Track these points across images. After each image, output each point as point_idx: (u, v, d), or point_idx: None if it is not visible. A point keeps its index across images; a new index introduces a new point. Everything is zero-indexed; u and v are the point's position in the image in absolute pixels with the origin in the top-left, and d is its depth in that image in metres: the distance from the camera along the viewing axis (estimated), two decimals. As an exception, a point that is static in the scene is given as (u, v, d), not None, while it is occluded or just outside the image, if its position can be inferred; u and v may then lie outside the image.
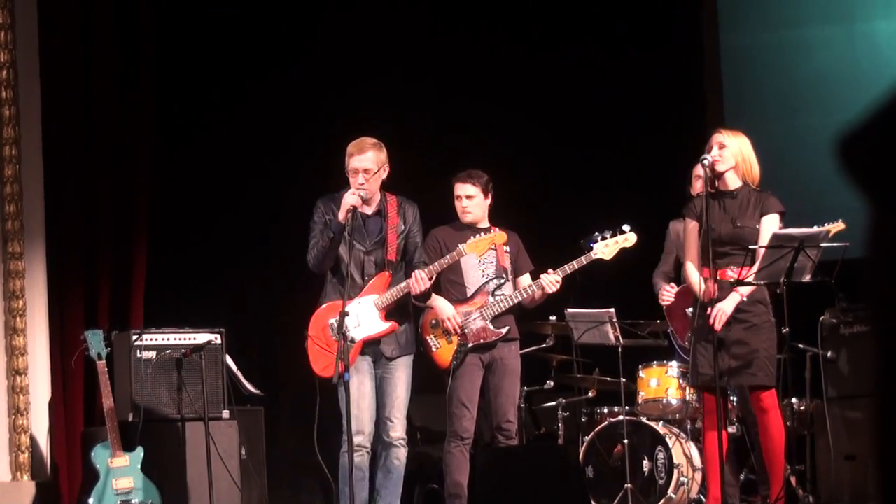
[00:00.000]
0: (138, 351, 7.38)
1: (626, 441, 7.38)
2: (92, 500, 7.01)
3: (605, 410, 8.02)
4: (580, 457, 7.49)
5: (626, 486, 7.32)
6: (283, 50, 9.29)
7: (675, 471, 7.35)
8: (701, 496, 7.35)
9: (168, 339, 7.47)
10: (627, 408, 7.58)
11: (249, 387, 7.66)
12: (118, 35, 8.43)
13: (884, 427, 1.56)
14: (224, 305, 8.39)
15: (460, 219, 6.91)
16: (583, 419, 8.10)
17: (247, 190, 9.05)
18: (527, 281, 7.00)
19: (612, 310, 7.53)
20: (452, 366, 6.81)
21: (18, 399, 7.92)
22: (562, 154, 9.30)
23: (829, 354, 6.97)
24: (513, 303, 6.85)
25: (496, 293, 6.88)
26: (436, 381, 7.02)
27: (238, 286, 8.97)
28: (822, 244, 6.21)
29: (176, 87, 8.87)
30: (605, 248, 6.72)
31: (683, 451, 7.45)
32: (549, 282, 6.75)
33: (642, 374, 7.70)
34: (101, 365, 7.20)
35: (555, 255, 7.67)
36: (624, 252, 6.88)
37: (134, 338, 7.42)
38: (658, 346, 7.69)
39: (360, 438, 6.21)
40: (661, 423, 7.61)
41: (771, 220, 6.26)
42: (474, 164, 6.95)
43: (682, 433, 7.58)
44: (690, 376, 6.54)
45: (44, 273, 8.09)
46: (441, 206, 7.10)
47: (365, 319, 6.27)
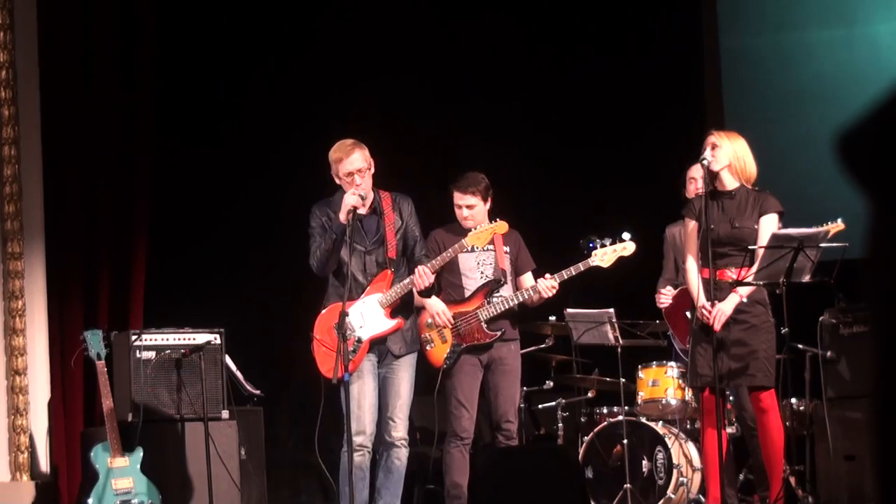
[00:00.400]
0: (138, 351, 7.38)
1: (625, 441, 7.38)
2: (91, 501, 7.00)
3: (605, 411, 8.02)
4: (580, 457, 7.49)
5: (625, 486, 7.32)
6: (283, 51, 9.29)
7: (675, 471, 7.35)
8: (700, 496, 7.35)
9: (167, 340, 7.47)
10: (627, 408, 7.58)
11: (249, 387, 7.66)
12: (118, 35, 8.43)
13: (883, 427, 1.56)
14: (223, 306, 8.39)
15: (461, 225, 6.89)
16: (582, 419, 8.10)
17: (246, 190, 9.05)
18: (529, 280, 6.99)
19: (611, 310, 7.53)
20: (445, 365, 6.83)
21: (18, 399, 7.92)
22: (561, 155, 9.30)
23: (828, 355, 6.97)
24: (509, 305, 6.85)
25: (494, 295, 6.89)
26: (435, 381, 7.02)
27: (237, 286, 8.97)
28: (822, 244, 6.21)
29: (176, 87, 8.87)
30: (604, 256, 6.73)
31: (683, 452, 7.46)
32: (546, 287, 6.75)
33: (641, 374, 7.70)
34: (101, 365, 7.20)
35: (554, 256, 7.67)
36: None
37: (133, 338, 7.42)
38: (657, 347, 7.69)
39: (362, 438, 6.20)
40: (660, 424, 7.61)
41: (770, 220, 6.25)
42: (473, 165, 6.93)
43: (681, 433, 7.58)
44: (689, 377, 6.54)
45: (43, 273, 8.09)
46: (440, 208, 7.10)
47: (370, 318, 6.26)
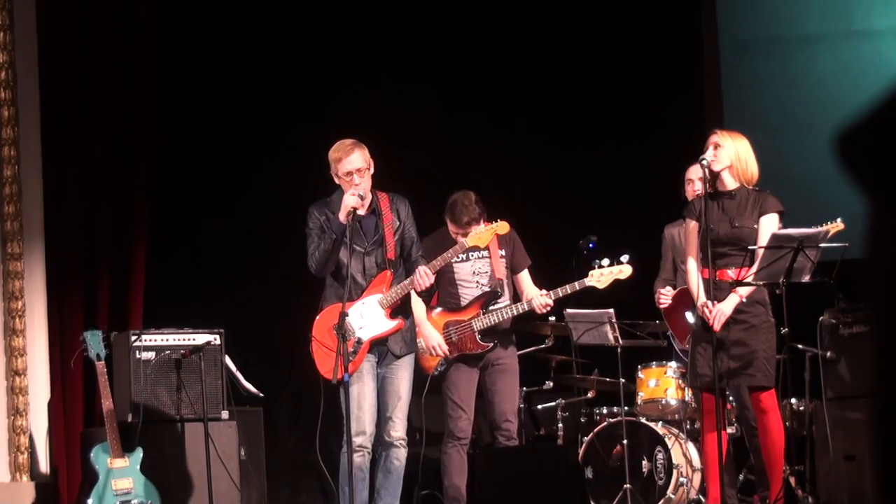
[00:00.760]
0: (137, 352, 7.37)
1: (625, 441, 7.38)
2: (91, 501, 7.00)
3: (605, 411, 8.02)
4: (579, 457, 7.49)
5: (625, 486, 7.32)
6: (284, 50, 9.28)
7: (675, 471, 7.35)
8: (700, 496, 7.35)
9: (167, 340, 7.47)
10: (626, 408, 7.58)
11: (249, 387, 7.66)
12: (117, 36, 8.43)
13: (883, 427, 1.55)
14: (223, 306, 8.39)
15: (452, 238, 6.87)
16: (582, 420, 8.10)
17: (246, 190, 9.05)
18: (525, 277, 7.01)
19: (611, 310, 7.53)
20: (436, 372, 6.88)
21: (18, 400, 7.91)
22: (560, 155, 9.29)
23: (828, 355, 6.96)
24: (504, 317, 6.87)
25: (489, 307, 6.90)
26: (436, 381, 7.02)
27: (237, 287, 8.96)
28: (822, 244, 6.21)
29: (176, 87, 8.87)
30: (601, 278, 6.77)
31: (682, 452, 7.45)
32: (540, 304, 6.79)
33: (641, 374, 7.70)
34: (101, 366, 7.20)
35: (554, 256, 7.68)
36: (620, 253, 6.89)
37: (133, 338, 7.42)
38: (657, 347, 7.69)
39: (362, 439, 6.20)
40: (660, 424, 7.61)
41: (770, 220, 6.25)
42: (472, 166, 6.92)
43: (681, 433, 7.58)
44: (689, 377, 6.54)
45: (43, 274, 8.08)
46: (439, 209, 7.09)
47: (370, 319, 6.25)
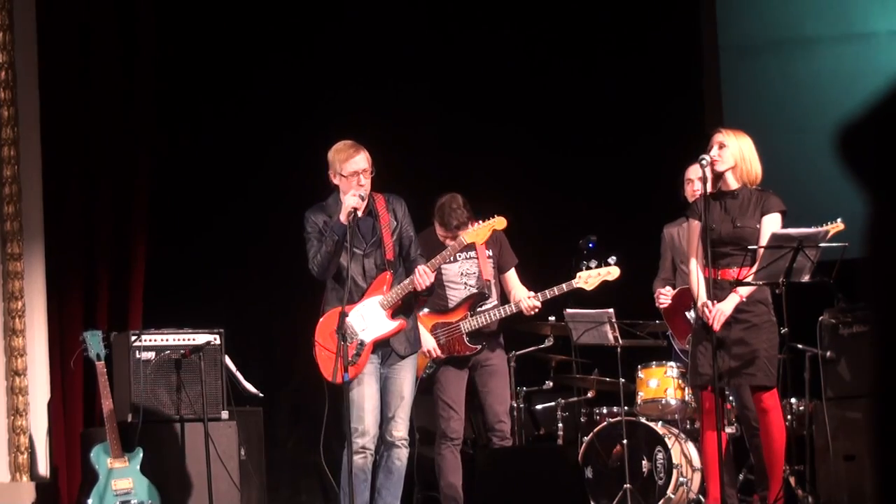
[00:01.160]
0: (137, 352, 7.37)
1: (625, 441, 7.38)
2: (91, 501, 7.00)
3: (605, 411, 8.02)
4: (579, 457, 7.49)
5: (625, 486, 7.32)
6: (284, 49, 9.28)
7: (675, 471, 7.35)
8: (700, 496, 7.35)
9: (167, 340, 7.47)
10: (626, 408, 7.58)
11: (249, 387, 7.66)
12: (117, 36, 8.43)
13: (882, 427, 1.56)
14: (223, 306, 8.39)
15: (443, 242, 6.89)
16: (582, 419, 8.10)
17: (246, 190, 9.05)
18: (513, 276, 7.01)
19: (610, 310, 7.53)
20: (424, 375, 6.90)
21: (17, 400, 7.92)
22: (560, 155, 9.30)
23: (828, 355, 6.96)
24: (491, 319, 6.88)
25: (477, 309, 6.91)
26: (424, 383, 7.03)
27: (237, 287, 8.97)
28: (822, 244, 6.21)
29: (176, 87, 8.87)
30: (588, 279, 6.77)
31: (682, 452, 7.45)
32: (528, 307, 6.80)
33: (641, 374, 7.70)
34: (101, 366, 7.20)
35: (553, 256, 7.68)
36: (621, 253, 6.90)
37: (133, 338, 7.42)
38: (657, 347, 7.69)
39: (365, 440, 6.19)
40: (660, 424, 7.61)
41: (772, 220, 6.24)
42: (471, 167, 6.93)
43: (681, 433, 7.58)
44: (690, 376, 6.54)
45: (43, 274, 8.09)
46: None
47: (372, 321, 6.24)
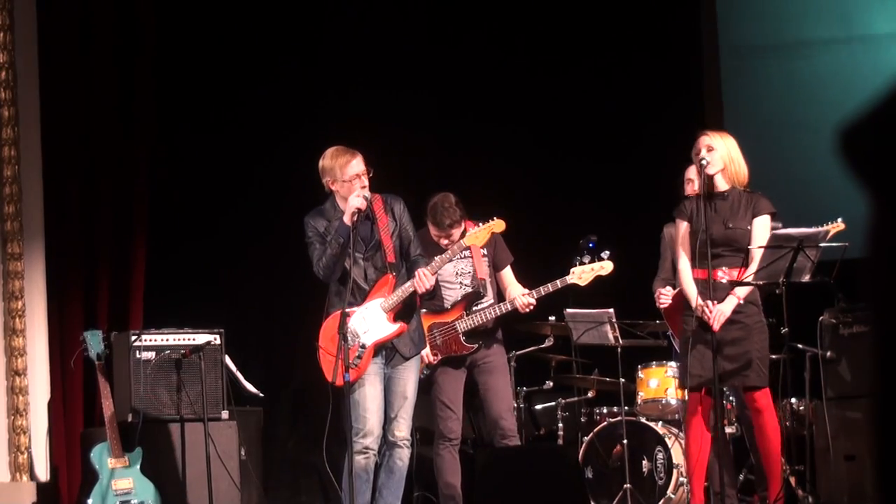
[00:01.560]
0: (137, 351, 7.38)
1: (625, 441, 7.38)
2: (91, 501, 7.01)
3: (605, 411, 8.02)
4: (579, 457, 7.49)
5: (625, 486, 7.32)
6: (284, 49, 9.28)
7: (675, 471, 7.35)
8: (700, 496, 7.36)
9: (167, 340, 7.47)
10: (627, 408, 7.58)
11: (249, 387, 7.66)
12: (117, 36, 8.43)
13: (883, 427, 1.56)
14: (223, 306, 8.39)
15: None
16: (582, 419, 8.09)
17: (246, 190, 9.05)
18: (508, 274, 7.01)
19: (611, 310, 7.53)
20: (422, 376, 6.91)
21: (18, 400, 7.92)
22: (560, 156, 9.30)
23: (828, 355, 6.96)
24: (487, 318, 6.87)
25: (473, 308, 6.91)
26: (422, 383, 7.03)
27: (237, 287, 8.96)
28: (822, 244, 6.21)
29: (176, 87, 8.87)
30: (582, 275, 6.76)
31: (683, 452, 7.45)
32: (523, 304, 6.80)
33: (641, 374, 7.70)
34: (101, 366, 7.20)
35: (553, 256, 7.67)
36: (622, 252, 6.90)
37: (133, 338, 7.42)
38: (657, 347, 7.69)
39: (369, 440, 6.19)
40: (660, 424, 7.61)
41: (763, 222, 6.26)
42: (471, 168, 6.92)
43: (681, 433, 7.57)
44: (681, 378, 6.52)
45: (43, 274, 8.09)
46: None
47: (373, 324, 6.24)
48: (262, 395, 7.72)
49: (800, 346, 6.95)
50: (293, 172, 8.59)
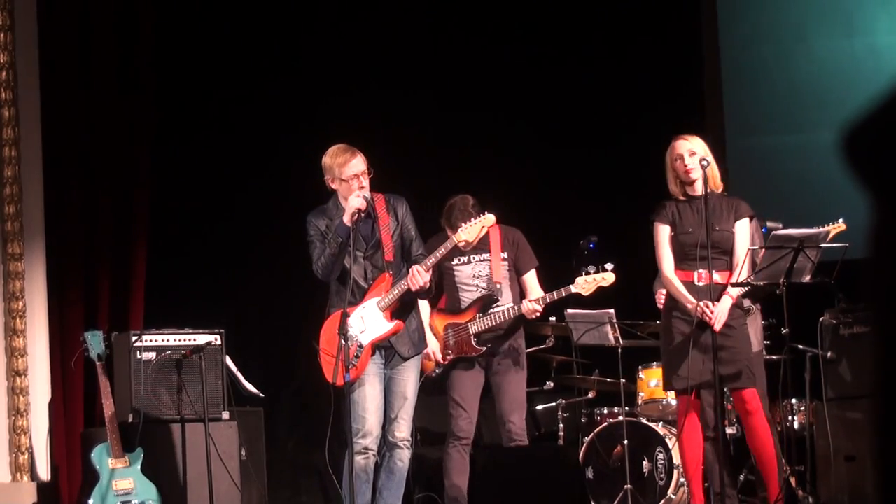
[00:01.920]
0: (138, 352, 7.38)
1: (625, 442, 7.38)
2: (92, 501, 7.01)
3: (605, 411, 8.02)
4: (580, 457, 7.49)
5: (625, 486, 7.32)
6: (284, 49, 9.29)
7: (675, 471, 7.35)
8: (701, 497, 7.36)
9: (168, 340, 7.47)
10: (627, 408, 7.58)
11: (249, 387, 7.66)
12: (118, 37, 8.43)
13: (883, 428, 1.56)
14: (224, 306, 8.39)
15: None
16: (583, 420, 8.10)
17: (246, 190, 9.06)
18: (532, 279, 6.98)
19: (611, 311, 7.53)
20: (433, 374, 6.91)
21: (18, 400, 7.92)
22: (560, 156, 9.30)
23: (828, 355, 6.96)
24: (498, 321, 6.87)
25: (487, 310, 6.91)
26: (436, 382, 7.03)
27: (238, 287, 8.97)
28: (822, 245, 6.21)
29: (176, 88, 8.87)
30: (585, 285, 6.77)
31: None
32: (528, 310, 6.80)
33: (642, 374, 7.70)
34: (101, 366, 7.20)
35: (554, 256, 7.67)
36: (622, 252, 6.90)
37: (134, 339, 7.42)
38: (658, 347, 7.67)
39: (368, 441, 6.19)
40: (660, 424, 7.61)
41: (745, 225, 6.30)
42: (471, 167, 6.91)
43: (681, 434, 7.58)
44: (665, 380, 6.48)
45: (43, 274, 8.09)
46: (437, 211, 7.08)
47: (370, 323, 6.24)
48: (262, 395, 7.72)
49: (800, 346, 6.95)
50: (293, 172, 8.59)
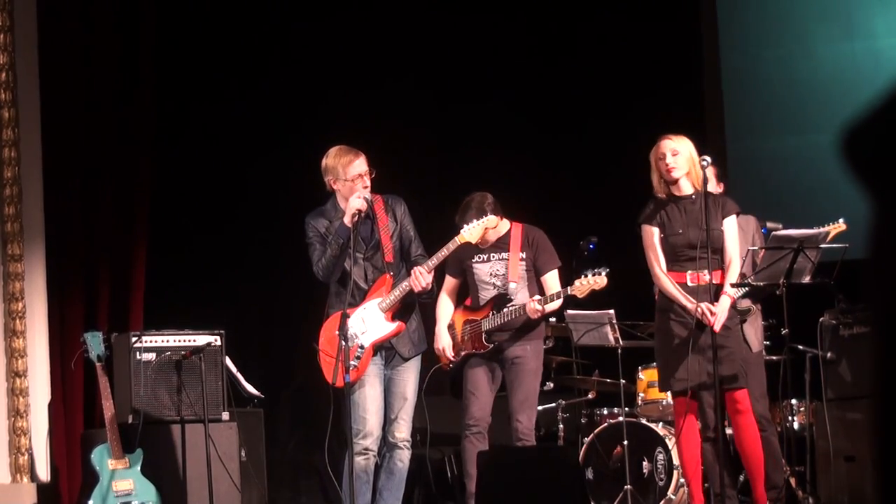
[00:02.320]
0: (138, 353, 7.38)
1: (625, 442, 7.38)
2: (92, 502, 7.00)
3: (605, 412, 8.02)
4: (580, 458, 7.49)
5: (625, 487, 7.32)
6: (284, 50, 9.29)
7: (675, 472, 7.35)
8: (701, 497, 7.36)
9: (168, 341, 7.47)
10: (627, 409, 7.58)
11: (249, 388, 7.66)
12: (117, 37, 8.43)
13: (883, 428, 1.55)
14: (224, 307, 8.39)
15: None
16: (583, 420, 8.10)
17: (246, 192, 9.06)
18: (553, 279, 6.95)
19: (611, 311, 7.53)
20: (449, 367, 6.90)
21: (18, 401, 7.92)
22: (561, 156, 9.30)
23: (828, 356, 6.96)
24: (506, 319, 6.86)
25: (500, 309, 6.91)
26: (436, 382, 7.02)
27: (238, 288, 8.97)
28: (822, 245, 6.22)
29: (176, 88, 8.88)
30: (580, 287, 6.77)
31: (682, 453, 7.45)
32: (531, 309, 6.80)
33: (642, 375, 7.70)
34: (101, 367, 7.20)
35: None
36: (622, 252, 6.90)
37: (133, 339, 7.42)
38: (658, 348, 7.68)
39: (369, 441, 6.19)
40: (660, 425, 7.61)
41: (732, 222, 6.30)
42: (471, 167, 6.89)
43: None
44: (666, 382, 6.46)
45: (43, 275, 8.09)
46: (438, 210, 7.09)
47: (371, 324, 6.24)
48: (262, 396, 7.72)
49: (800, 347, 6.95)
50: (293, 173, 8.60)
